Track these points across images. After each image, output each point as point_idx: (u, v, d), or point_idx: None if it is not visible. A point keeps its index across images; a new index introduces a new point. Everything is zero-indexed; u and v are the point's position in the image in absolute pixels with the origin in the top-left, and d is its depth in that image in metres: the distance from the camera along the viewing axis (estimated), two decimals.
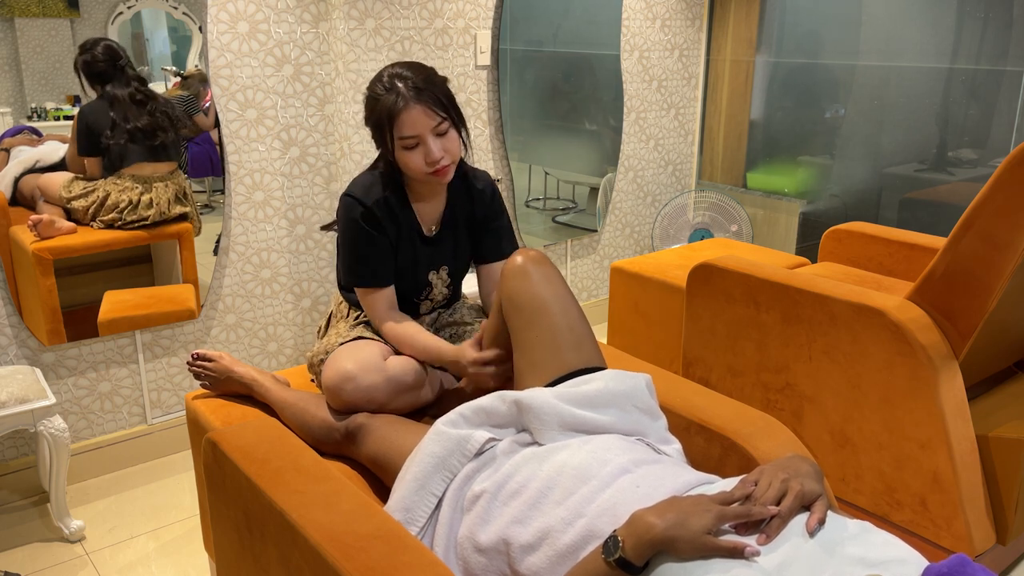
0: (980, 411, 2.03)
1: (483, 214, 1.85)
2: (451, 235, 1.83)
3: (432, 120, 1.62)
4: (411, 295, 1.84)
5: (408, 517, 1.34)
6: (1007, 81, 3.01)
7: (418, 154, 1.64)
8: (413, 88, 1.61)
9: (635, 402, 1.40)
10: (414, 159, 1.65)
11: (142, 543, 2.24)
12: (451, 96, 1.67)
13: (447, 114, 1.64)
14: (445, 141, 1.65)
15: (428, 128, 1.62)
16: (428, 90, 1.62)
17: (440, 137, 1.65)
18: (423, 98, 1.61)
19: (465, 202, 1.84)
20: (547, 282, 1.51)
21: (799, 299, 2.11)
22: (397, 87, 1.62)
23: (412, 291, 1.83)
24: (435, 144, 1.64)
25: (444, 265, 1.85)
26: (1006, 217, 1.78)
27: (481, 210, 1.84)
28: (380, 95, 1.64)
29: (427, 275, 1.83)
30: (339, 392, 1.64)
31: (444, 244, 1.83)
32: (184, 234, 2.53)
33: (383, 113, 1.63)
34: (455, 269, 1.88)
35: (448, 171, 1.68)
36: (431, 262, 1.82)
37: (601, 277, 3.83)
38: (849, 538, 1.01)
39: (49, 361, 2.41)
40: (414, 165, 1.65)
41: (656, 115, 3.80)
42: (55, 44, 2.25)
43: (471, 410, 1.41)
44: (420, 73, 1.64)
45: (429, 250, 1.81)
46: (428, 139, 1.63)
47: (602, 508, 1.15)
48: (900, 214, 3.42)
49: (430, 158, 1.64)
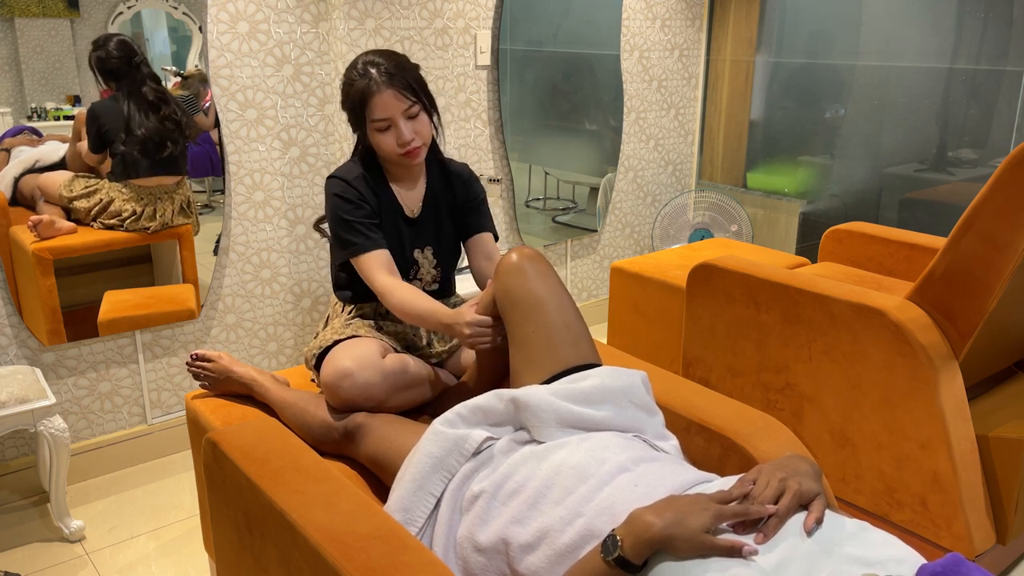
0: (980, 411, 2.03)
1: (463, 197, 1.92)
2: (433, 217, 1.90)
3: (403, 103, 1.72)
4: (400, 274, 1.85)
5: (407, 517, 1.34)
6: (1007, 81, 3.01)
7: (390, 136, 1.74)
8: (385, 73, 1.71)
9: (631, 398, 1.40)
10: (386, 140, 1.74)
11: (142, 543, 2.24)
12: (422, 82, 1.77)
13: (417, 98, 1.74)
14: (416, 124, 1.75)
15: (399, 111, 1.72)
16: (399, 75, 1.72)
17: (411, 120, 1.74)
18: (394, 83, 1.71)
19: (445, 188, 1.91)
20: (543, 279, 1.52)
21: (799, 299, 2.11)
22: (370, 72, 1.72)
23: (400, 270, 1.86)
24: (406, 127, 1.73)
25: (428, 245, 1.90)
26: (1006, 217, 1.78)
27: (461, 192, 1.92)
28: (354, 80, 1.74)
29: (412, 253, 1.88)
30: (337, 389, 1.65)
31: (427, 225, 1.89)
32: (184, 234, 2.54)
33: (357, 97, 1.73)
34: (439, 251, 1.91)
35: (419, 152, 1.77)
36: (415, 241, 1.88)
37: (601, 277, 3.83)
38: (847, 537, 1.01)
39: (49, 361, 2.41)
40: (386, 146, 1.75)
41: (656, 115, 3.80)
42: (55, 44, 2.25)
43: (468, 409, 1.41)
44: (392, 60, 1.74)
45: (413, 230, 1.87)
46: (399, 122, 1.72)
47: (601, 507, 1.15)
48: (900, 214, 3.42)
49: (401, 139, 1.73)
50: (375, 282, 1.76)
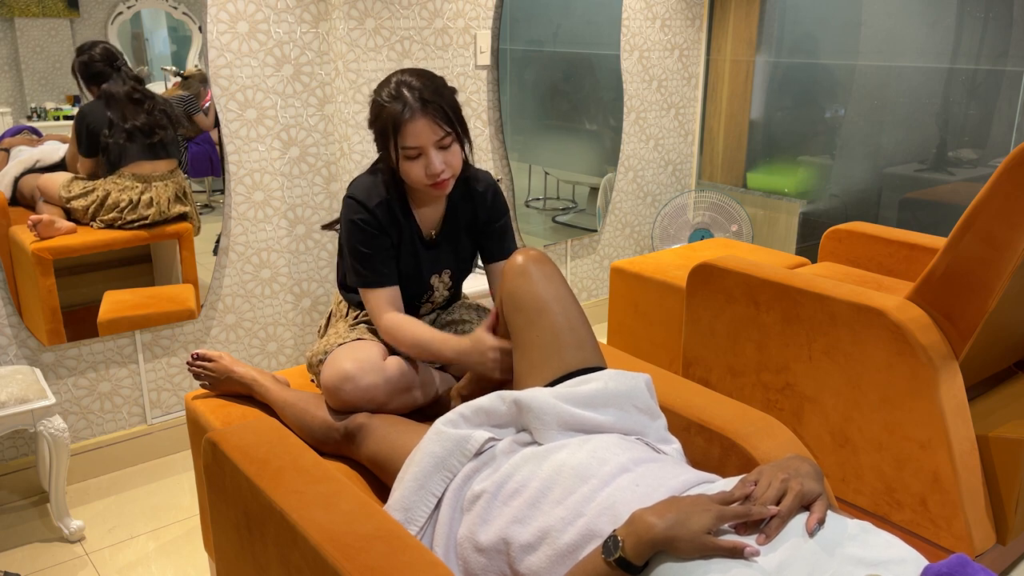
0: (980, 411, 2.03)
1: (485, 217, 1.84)
2: (452, 238, 1.82)
3: (436, 134, 1.61)
4: (413, 299, 1.84)
5: (408, 517, 1.34)
6: (1007, 81, 3.01)
7: (419, 165, 1.63)
8: (420, 100, 1.60)
9: (635, 402, 1.40)
10: (415, 169, 1.64)
11: (142, 543, 2.24)
12: (458, 109, 1.66)
13: (452, 128, 1.63)
14: (447, 155, 1.64)
15: (431, 141, 1.61)
16: (435, 102, 1.61)
17: (443, 150, 1.64)
18: (429, 110, 1.60)
19: (466, 206, 1.82)
20: (548, 281, 1.51)
21: (799, 299, 2.11)
22: (404, 96, 1.60)
23: (414, 295, 1.83)
24: (437, 157, 1.62)
25: (447, 269, 1.84)
26: (1006, 217, 1.78)
27: (484, 213, 1.83)
28: (386, 103, 1.62)
29: (429, 279, 1.82)
30: (338, 392, 1.64)
31: (445, 248, 1.82)
32: (184, 234, 2.53)
33: (388, 121, 1.62)
34: (457, 272, 1.87)
35: (447, 184, 1.67)
36: (433, 266, 1.82)
37: (601, 277, 3.83)
38: (849, 538, 1.00)
39: (49, 361, 2.41)
40: (415, 175, 1.65)
41: (656, 115, 3.80)
42: (55, 44, 2.25)
43: (471, 410, 1.41)
44: (429, 84, 1.63)
45: (430, 254, 1.80)
46: (431, 152, 1.62)
47: (602, 507, 1.15)
48: (900, 214, 3.42)
49: (431, 170, 1.63)
50: (380, 319, 1.72)
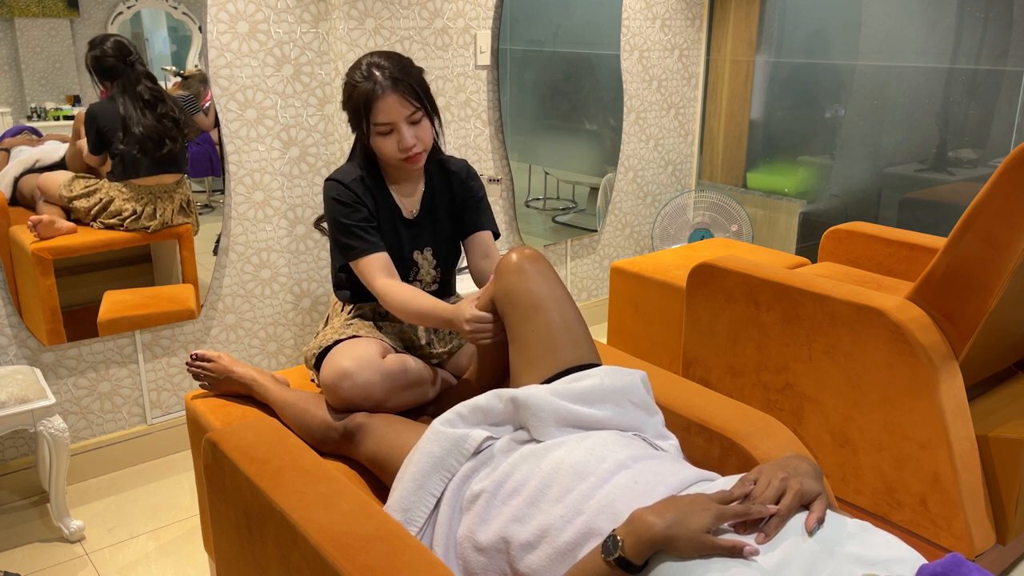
0: (980, 411, 2.03)
1: (462, 196, 1.91)
2: (432, 217, 1.89)
3: (407, 109, 1.70)
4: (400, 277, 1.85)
5: (407, 517, 1.34)
6: (1007, 81, 3.01)
7: (392, 140, 1.72)
8: (390, 77, 1.69)
9: (631, 398, 1.40)
10: (388, 145, 1.73)
11: (142, 543, 2.24)
12: (426, 86, 1.75)
13: (421, 103, 1.72)
14: (418, 129, 1.73)
15: (402, 116, 1.70)
16: (404, 80, 1.70)
17: (414, 125, 1.73)
18: (399, 87, 1.69)
19: (443, 187, 1.90)
20: (543, 279, 1.52)
21: (799, 299, 2.11)
22: (374, 75, 1.69)
23: (399, 272, 1.86)
24: (408, 132, 1.71)
25: (428, 246, 1.89)
26: (1006, 217, 1.78)
27: (460, 192, 1.91)
28: (358, 82, 1.71)
29: (412, 255, 1.87)
30: (337, 389, 1.65)
31: (425, 226, 1.88)
32: (184, 234, 2.54)
33: (360, 100, 1.71)
34: (439, 251, 1.91)
35: (419, 158, 1.76)
36: (414, 243, 1.87)
37: (601, 277, 3.83)
38: (848, 537, 1.01)
39: (49, 361, 2.41)
40: (387, 151, 1.73)
41: (656, 115, 3.80)
42: (55, 44, 2.25)
43: (468, 409, 1.41)
44: (397, 63, 1.72)
45: (411, 231, 1.86)
46: (402, 127, 1.71)
47: (601, 505, 1.15)
48: (900, 214, 3.42)
49: (403, 145, 1.72)
50: (374, 285, 1.76)
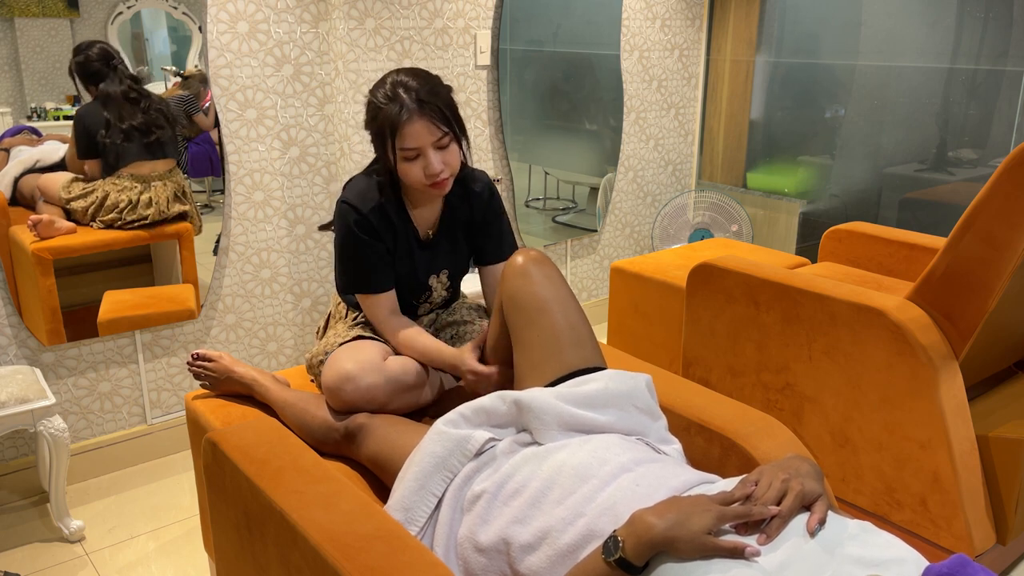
0: (980, 411, 2.03)
1: (482, 217, 1.84)
2: (448, 238, 1.83)
3: (434, 135, 1.61)
4: (410, 299, 1.84)
5: (408, 517, 1.34)
6: (1007, 81, 3.01)
7: (418, 166, 1.63)
8: (416, 100, 1.59)
9: (635, 402, 1.40)
10: (413, 170, 1.64)
11: (142, 543, 2.24)
12: (454, 108, 1.65)
13: (449, 128, 1.62)
14: (445, 154, 1.64)
15: (429, 142, 1.61)
16: (431, 102, 1.60)
17: (441, 150, 1.63)
18: (426, 111, 1.59)
19: (463, 205, 1.82)
20: (548, 282, 1.51)
21: (799, 299, 2.11)
22: (400, 97, 1.59)
23: (411, 295, 1.84)
24: (435, 157, 1.62)
25: (444, 269, 1.84)
26: (1006, 217, 1.78)
27: (480, 213, 1.83)
28: (382, 104, 1.61)
29: (427, 279, 1.83)
30: (339, 392, 1.64)
31: (442, 248, 1.82)
32: (184, 234, 2.53)
33: (385, 123, 1.61)
34: (455, 272, 1.87)
35: (446, 184, 1.67)
36: (430, 267, 1.82)
37: (601, 277, 3.83)
38: (849, 538, 1.00)
39: (49, 361, 2.41)
40: (413, 176, 1.64)
41: (656, 115, 3.80)
42: (55, 44, 2.25)
43: (471, 410, 1.41)
44: (425, 83, 1.62)
45: (427, 255, 1.80)
46: (429, 152, 1.61)
47: (602, 507, 1.15)
48: (900, 214, 3.42)
49: (430, 171, 1.62)
50: (377, 321, 1.76)
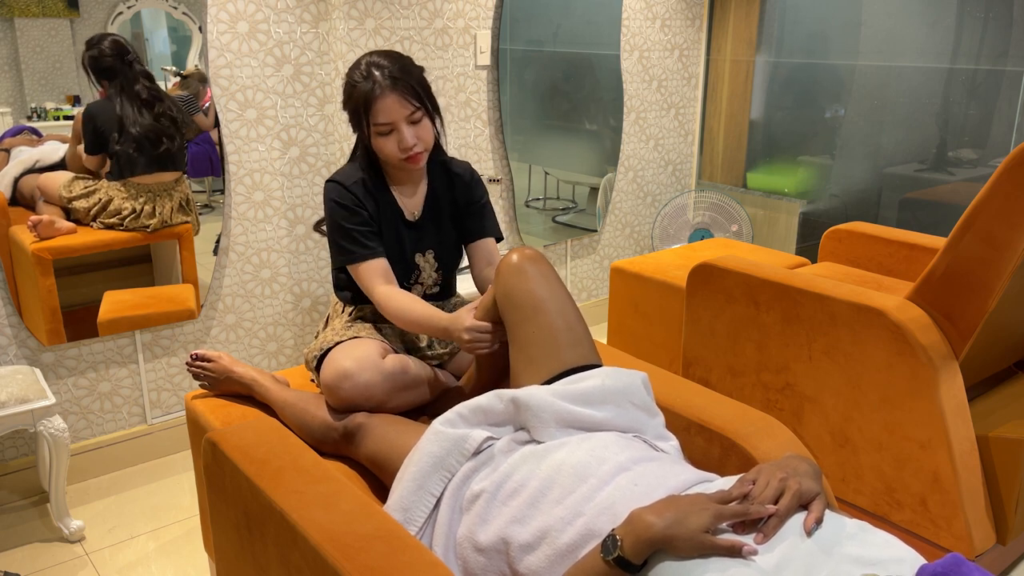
0: (980, 411, 2.03)
1: (465, 199, 1.90)
2: (434, 219, 1.88)
3: (406, 109, 1.69)
4: (401, 280, 1.86)
5: (407, 517, 1.34)
6: (1007, 81, 3.01)
7: (392, 140, 1.71)
8: (389, 77, 1.68)
9: (632, 399, 1.40)
10: (388, 145, 1.72)
11: (142, 543, 2.24)
12: (426, 85, 1.74)
13: (421, 103, 1.71)
14: (419, 129, 1.72)
15: (402, 116, 1.69)
16: (403, 79, 1.69)
17: (414, 125, 1.72)
18: (398, 87, 1.68)
19: (446, 189, 1.89)
20: (543, 280, 1.52)
21: (799, 299, 2.11)
22: (374, 75, 1.68)
23: (401, 275, 1.86)
24: (409, 132, 1.70)
25: (430, 248, 1.88)
26: (1006, 217, 1.78)
27: (463, 195, 1.90)
28: (357, 82, 1.70)
29: (414, 257, 1.86)
30: (337, 390, 1.65)
31: (428, 228, 1.87)
32: (184, 234, 2.54)
33: (359, 100, 1.70)
34: (441, 254, 1.90)
35: (420, 158, 1.75)
36: (416, 245, 1.86)
37: (601, 277, 3.83)
38: (847, 537, 1.01)
39: (49, 361, 2.41)
40: (388, 151, 1.73)
41: (656, 115, 3.80)
42: (55, 44, 2.25)
43: (469, 409, 1.41)
44: (396, 62, 1.71)
45: (414, 234, 1.85)
46: (402, 126, 1.70)
47: (601, 507, 1.15)
48: (900, 214, 3.42)
49: (403, 144, 1.71)
50: (372, 291, 1.76)
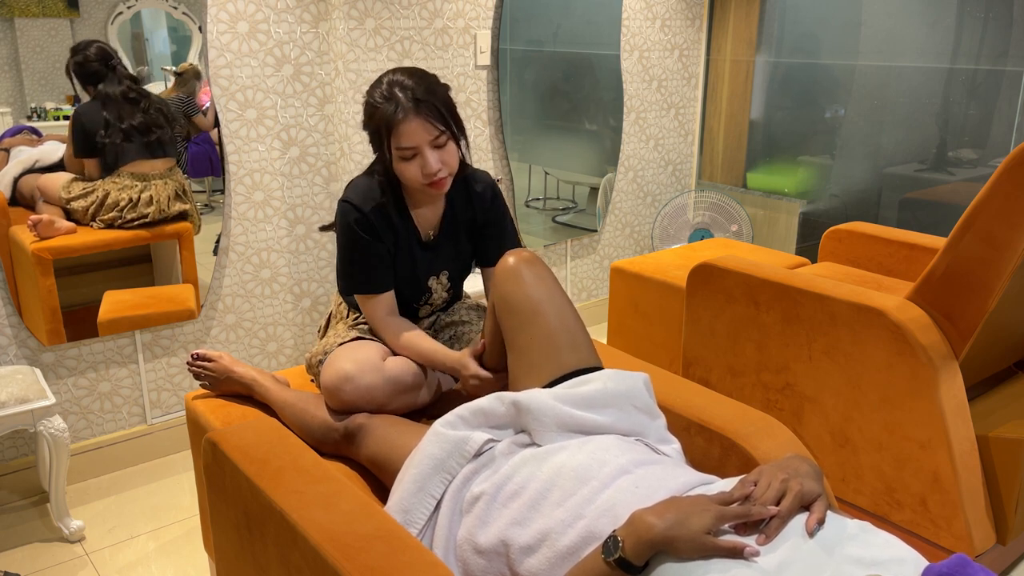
0: (980, 411, 2.03)
1: (484, 219, 1.83)
2: (451, 239, 1.82)
3: (430, 133, 1.59)
4: (411, 301, 1.83)
5: (407, 519, 1.34)
6: (1007, 81, 3.01)
7: (415, 165, 1.62)
8: (413, 99, 1.58)
9: (633, 402, 1.39)
10: (411, 170, 1.62)
11: (142, 543, 2.24)
12: (452, 107, 1.64)
13: (447, 126, 1.61)
14: (443, 153, 1.62)
15: (426, 141, 1.59)
16: (428, 101, 1.59)
17: (438, 149, 1.62)
18: (422, 110, 1.58)
19: (465, 206, 1.81)
20: (540, 283, 1.50)
21: (799, 299, 2.11)
22: (396, 96, 1.58)
23: (412, 297, 1.83)
24: (432, 156, 1.61)
25: (444, 270, 1.83)
26: (1006, 217, 1.78)
27: (482, 215, 1.82)
28: (379, 104, 1.60)
29: (427, 281, 1.82)
30: (338, 392, 1.64)
31: (443, 249, 1.81)
32: (184, 234, 2.53)
33: (381, 122, 1.60)
34: (455, 273, 1.87)
35: (445, 183, 1.65)
36: (431, 268, 1.81)
37: (601, 277, 3.83)
38: (848, 538, 1.00)
39: (49, 361, 2.41)
40: (411, 175, 1.63)
41: (656, 115, 3.80)
42: (55, 44, 2.25)
43: (470, 411, 1.41)
44: (421, 82, 1.61)
45: (428, 255, 1.79)
46: (426, 151, 1.60)
47: (601, 509, 1.15)
48: (900, 214, 3.42)
49: (427, 170, 1.61)
50: (375, 322, 1.75)
